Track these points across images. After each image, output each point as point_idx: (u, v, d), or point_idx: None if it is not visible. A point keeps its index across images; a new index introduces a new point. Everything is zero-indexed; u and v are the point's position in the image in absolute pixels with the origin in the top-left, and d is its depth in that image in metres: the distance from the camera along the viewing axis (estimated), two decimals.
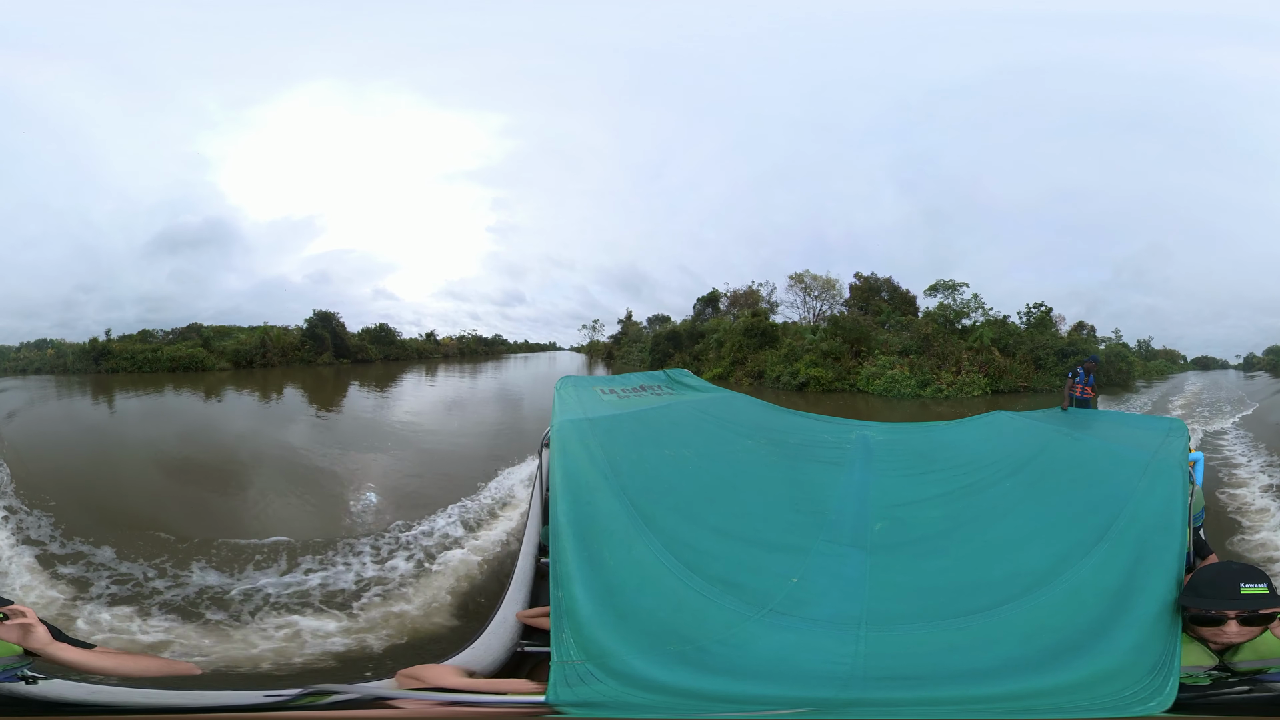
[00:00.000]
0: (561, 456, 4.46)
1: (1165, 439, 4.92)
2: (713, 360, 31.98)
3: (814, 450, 5.79)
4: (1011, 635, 3.15)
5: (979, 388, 24.72)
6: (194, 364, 31.49)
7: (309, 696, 2.93)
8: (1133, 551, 3.49)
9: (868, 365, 26.32)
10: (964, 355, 25.73)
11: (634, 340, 39.76)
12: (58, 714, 2.76)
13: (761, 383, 28.55)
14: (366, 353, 38.29)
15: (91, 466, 13.26)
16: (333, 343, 36.56)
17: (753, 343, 30.49)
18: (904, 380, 25.05)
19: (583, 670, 2.94)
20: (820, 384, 26.42)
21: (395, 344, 40.26)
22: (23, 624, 2.77)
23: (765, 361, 29.28)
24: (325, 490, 11.45)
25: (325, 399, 25.61)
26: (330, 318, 36.54)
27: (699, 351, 33.81)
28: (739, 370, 30.32)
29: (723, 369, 30.48)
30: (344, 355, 36.96)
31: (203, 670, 3.54)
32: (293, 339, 35.37)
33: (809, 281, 32.43)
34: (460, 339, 44.45)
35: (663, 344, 36.33)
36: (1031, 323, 27.56)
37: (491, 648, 3.85)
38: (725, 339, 31.94)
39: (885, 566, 3.79)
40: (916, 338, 26.45)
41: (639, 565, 3.59)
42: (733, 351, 30.75)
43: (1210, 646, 3.08)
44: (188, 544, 8.05)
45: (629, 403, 6.61)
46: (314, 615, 6.38)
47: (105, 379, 29.03)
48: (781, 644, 3.18)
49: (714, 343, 32.65)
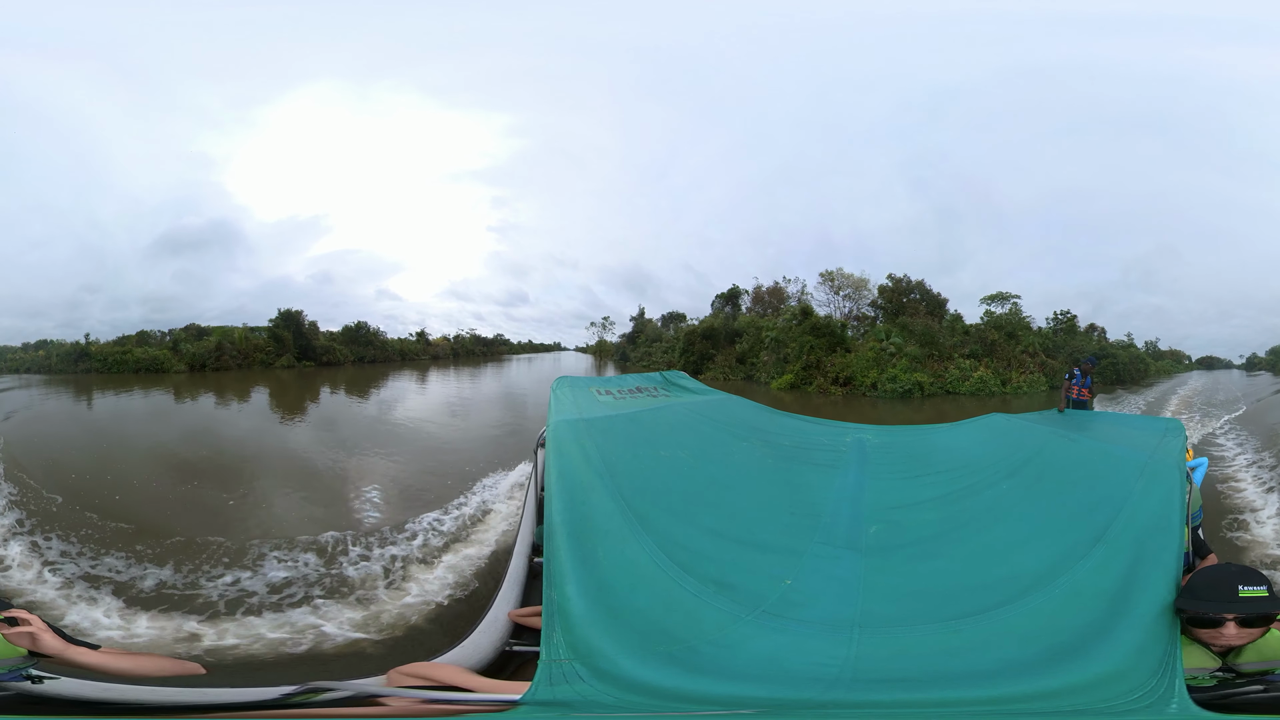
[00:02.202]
0: (557, 456, 4.46)
1: (1162, 439, 4.90)
2: (769, 364, 29.56)
3: (809, 453, 5.78)
4: (1008, 638, 3.13)
5: (1043, 384, 27.42)
6: (155, 366, 31.57)
7: (304, 694, 2.94)
8: (1131, 553, 3.47)
9: (952, 369, 27.72)
10: (1023, 358, 28.33)
11: (653, 339, 37.93)
12: (62, 713, 2.79)
13: (851, 390, 27.04)
14: (334, 355, 36.31)
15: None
16: (296, 344, 34.88)
17: (822, 344, 28.61)
18: (991, 381, 27.30)
19: (569, 670, 2.93)
20: (923, 389, 26.72)
21: (374, 344, 38.34)
22: (28, 631, 2.81)
23: (852, 366, 27.55)
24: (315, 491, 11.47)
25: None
26: (295, 317, 35.12)
27: (744, 353, 31.43)
28: (818, 376, 28.06)
29: (794, 375, 28.23)
30: (309, 357, 35.20)
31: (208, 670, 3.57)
32: (259, 340, 34.29)
33: (839, 280, 32.13)
34: (456, 339, 42.41)
35: (698, 343, 33.71)
36: (1061, 329, 30.73)
37: (481, 646, 3.85)
38: (785, 339, 29.53)
39: (880, 569, 3.78)
40: (981, 343, 28.49)
41: (632, 565, 3.58)
42: (804, 354, 28.56)
43: (1212, 648, 3.04)
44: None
45: (625, 404, 6.62)
46: (310, 613, 6.39)
47: (81, 379, 29.60)
48: (772, 645, 3.16)
49: (767, 343, 30.23)
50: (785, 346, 29.48)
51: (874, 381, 26.95)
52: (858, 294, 31.79)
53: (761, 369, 30.23)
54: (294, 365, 34.69)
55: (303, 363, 35.10)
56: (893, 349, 27.63)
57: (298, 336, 35.27)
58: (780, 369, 29.18)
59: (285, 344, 34.83)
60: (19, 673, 2.79)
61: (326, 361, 36.09)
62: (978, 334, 28.73)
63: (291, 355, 34.90)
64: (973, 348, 28.26)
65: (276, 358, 34.31)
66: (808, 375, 28.23)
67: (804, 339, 28.95)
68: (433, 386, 32.44)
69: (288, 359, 34.60)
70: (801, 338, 29.06)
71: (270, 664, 5.52)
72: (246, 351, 33.64)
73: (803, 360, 28.46)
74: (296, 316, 35.28)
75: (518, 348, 45.68)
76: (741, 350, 31.84)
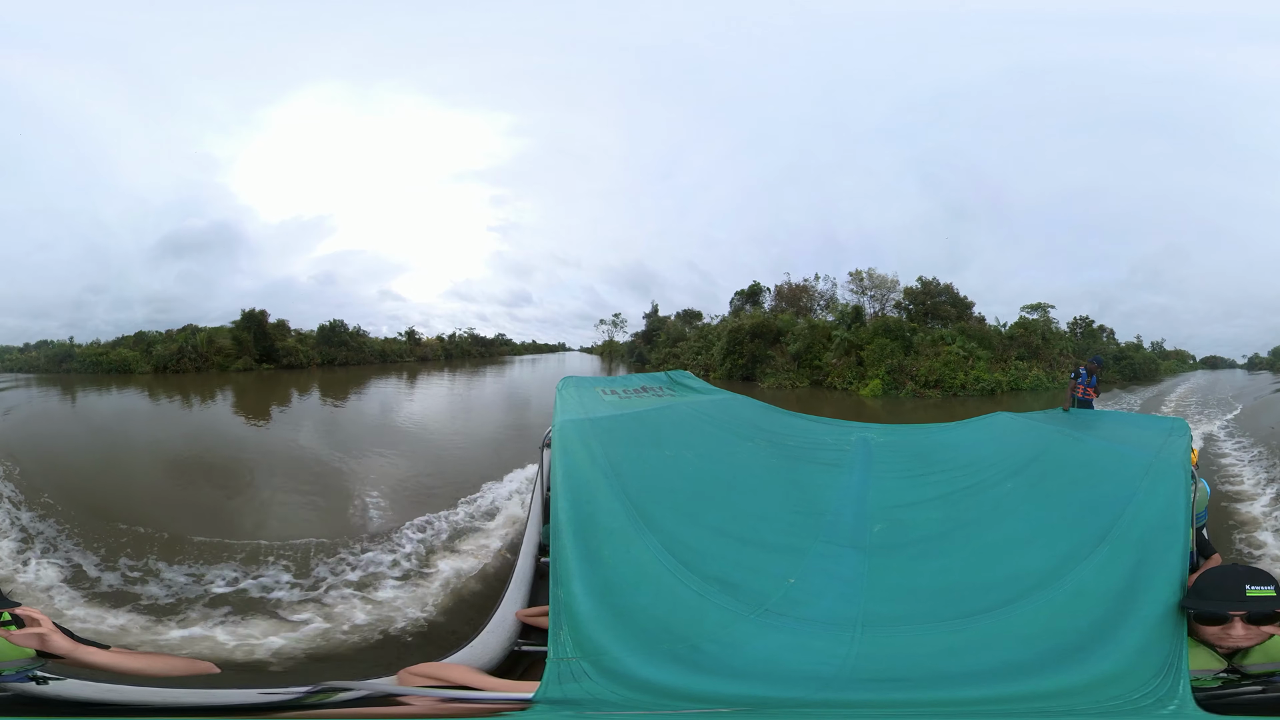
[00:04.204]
0: (562, 456, 4.47)
1: (1168, 438, 4.89)
2: (841, 368, 28.93)
3: (814, 452, 5.78)
4: (1010, 638, 3.13)
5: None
6: (124, 367, 31.81)
7: (318, 694, 2.95)
8: (1136, 552, 3.46)
9: (1010, 369, 29.11)
10: (1060, 359, 29.78)
11: (676, 338, 35.51)
12: (70, 714, 2.78)
13: (939, 391, 27.41)
14: (297, 357, 34.82)
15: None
16: (258, 345, 33.75)
17: (898, 347, 28.66)
18: (1044, 379, 28.77)
19: (576, 668, 2.95)
20: (1001, 387, 27.91)
21: (350, 345, 36.61)
22: (38, 631, 2.79)
23: (938, 370, 27.90)
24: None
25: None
26: (258, 318, 34.07)
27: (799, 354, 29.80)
28: (907, 381, 27.94)
29: (882, 378, 27.91)
30: (270, 360, 34.07)
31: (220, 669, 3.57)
32: (223, 343, 33.54)
33: (868, 280, 32.15)
34: (451, 338, 40.39)
35: (746, 342, 30.68)
36: (1083, 333, 32.58)
37: (490, 646, 3.87)
38: (863, 341, 29.02)
39: (883, 568, 3.77)
40: (1026, 346, 30.02)
41: (637, 564, 3.60)
42: (885, 358, 28.46)
43: (1218, 650, 3.04)
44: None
45: (630, 403, 6.63)
46: (322, 615, 6.43)
47: (63, 378, 30.21)
48: (774, 644, 3.17)
49: (838, 346, 29.52)
50: (861, 350, 29.11)
51: (962, 383, 27.84)
52: (882, 295, 31.93)
53: (834, 374, 29.36)
54: (252, 368, 33.36)
55: (262, 365, 33.72)
56: (963, 352, 28.46)
57: (260, 338, 33.81)
58: (855, 373, 28.85)
59: (245, 346, 33.53)
60: (25, 674, 2.77)
61: (288, 364, 34.35)
62: (1022, 338, 30.13)
63: (251, 358, 33.53)
64: (1019, 350, 29.71)
65: (235, 360, 33.19)
66: (894, 380, 28.15)
67: (879, 342, 28.72)
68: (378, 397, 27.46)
69: (245, 361, 33.34)
70: (877, 341, 28.79)
71: (281, 665, 5.55)
72: (207, 354, 32.91)
73: (886, 364, 28.30)
74: (259, 317, 34.10)
75: (520, 348, 44.69)
76: (796, 350, 30.34)
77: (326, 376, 33.05)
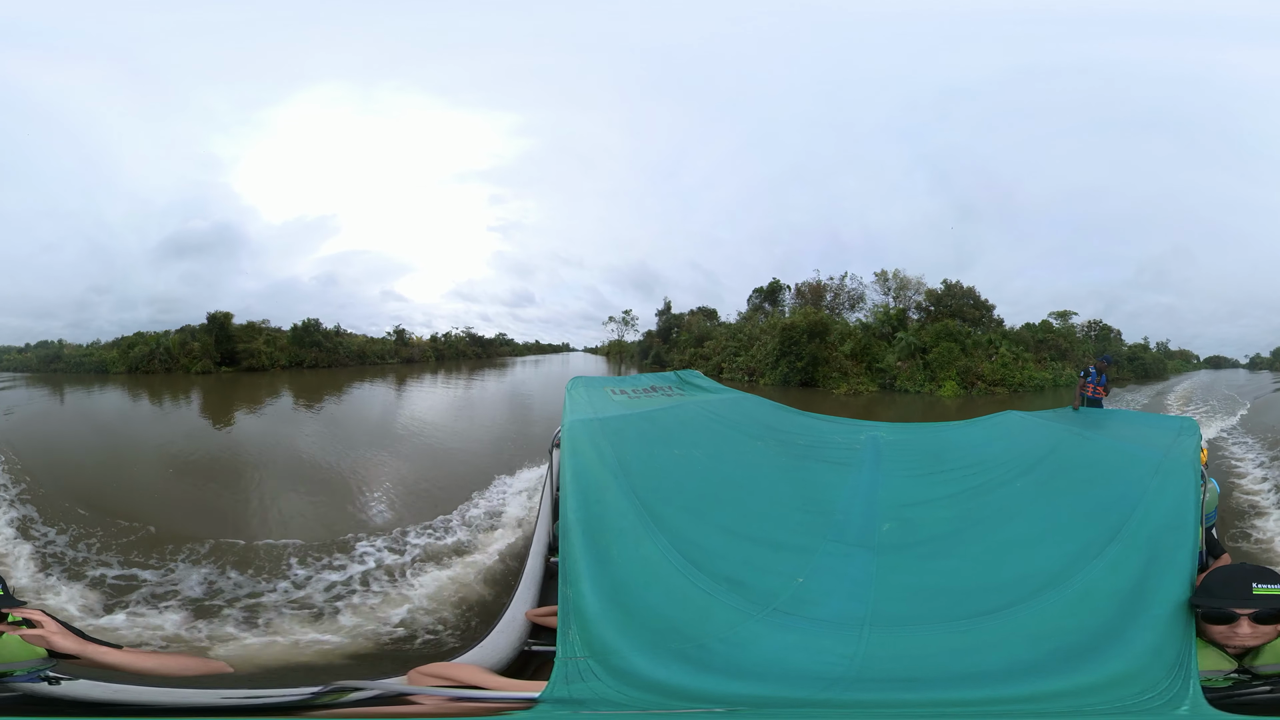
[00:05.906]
0: (572, 456, 4.48)
1: (1177, 437, 4.87)
2: (908, 371, 29.40)
3: (823, 451, 5.78)
4: (1019, 637, 3.12)
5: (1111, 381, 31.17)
6: (102, 368, 32.24)
7: (330, 694, 2.96)
8: (1145, 552, 3.45)
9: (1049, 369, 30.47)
10: (1085, 360, 30.26)
11: (702, 338, 33.33)
12: (81, 714, 2.78)
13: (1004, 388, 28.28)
14: (258, 359, 34.13)
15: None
16: (219, 348, 33.63)
17: (957, 348, 29.51)
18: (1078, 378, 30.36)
19: (583, 667, 2.96)
20: (1048, 384, 29.33)
21: (322, 346, 35.56)
22: (40, 633, 2.81)
23: (1000, 370, 28.93)
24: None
25: None
26: (221, 320, 33.80)
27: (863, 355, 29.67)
28: (976, 381, 29.02)
29: (955, 378, 28.65)
30: (230, 362, 33.83)
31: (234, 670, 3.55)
32: (191, 345, 33.60)
33: (892, 280, 32.63)
34: (446, 337, 38.93)
35: (804, 343, 28.76)
36: (1097, 336, 34.23)
37: (499, 646, 3.88)
38: (926, 344, 29.50)
39: (892, 567, 3.77)
40: (1055, 348, 31.48)
41: (646, 563, 3.61)
42: (952, 360, 29.29)
43: (1227, 650, 3.03)
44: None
45: (639, 403, 6.64)
46: (327, 617, 6.45)
47: (51, 377, 30.78)
48: (781, 643, 3.17)
49: (902, 348, 29.82)
50: (926, 353, 29.68)
51: (1020, 381, 29.04)
52: (904, 295, 32.44)
53: (903, 377, 29.64)
54: (211, 371, 33.04)
55: (221, 368, 33.39)
56: (1010, 354, 29.54)
57: (221, 340, 33.46)
58: (926, 375, 29.42)
59: (206, 348, 33.42)
60: (36, 674, 2.77)
61: (249, 367, 33.54)
62: (1051, 340, 31.57)
63: (210, 360, 33.33)
64: (1050, 351, 31.02)
65: (195, 362, 33.18)
66: (965, 380, 29.11)
67: (944, 344, 29.42)
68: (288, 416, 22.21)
69: (205, 364, 33.17)
70: (943, 344, 29.40)
71: (291, 665, 5.57)
72: (178, 356, 33.04)
73: (955, 365, 29.24)
74: (221, 318, 33.93)
75: (523, 349, 43.90)
76: (850, 350, 30.16)
77: (274, 381, 31.41)
